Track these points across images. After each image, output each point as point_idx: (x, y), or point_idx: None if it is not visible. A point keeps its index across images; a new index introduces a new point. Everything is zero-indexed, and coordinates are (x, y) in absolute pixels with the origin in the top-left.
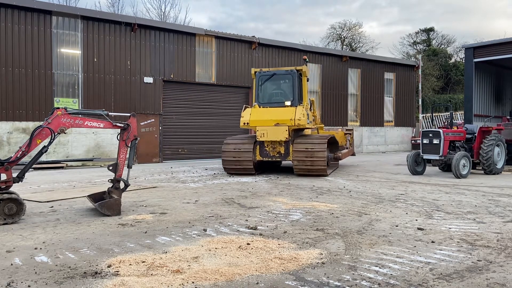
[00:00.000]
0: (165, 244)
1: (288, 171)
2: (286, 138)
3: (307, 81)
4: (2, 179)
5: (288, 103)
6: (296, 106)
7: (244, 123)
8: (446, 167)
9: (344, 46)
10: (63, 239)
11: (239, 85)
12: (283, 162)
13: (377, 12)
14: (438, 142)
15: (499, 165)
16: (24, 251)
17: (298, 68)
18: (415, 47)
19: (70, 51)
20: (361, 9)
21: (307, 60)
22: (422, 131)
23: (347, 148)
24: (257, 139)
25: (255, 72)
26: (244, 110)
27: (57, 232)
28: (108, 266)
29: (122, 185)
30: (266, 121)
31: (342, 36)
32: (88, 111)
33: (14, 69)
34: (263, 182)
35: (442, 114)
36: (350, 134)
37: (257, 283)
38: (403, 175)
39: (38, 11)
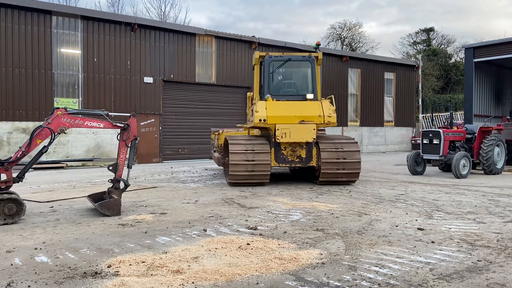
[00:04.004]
0: (165, 244)
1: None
2: (314, 138)
3: None
4: (2, 179)
5: (310, 96)
6: (320, 100)
7: (261, 120)
8: (446, 167)
9: (344, 46)
10: (63, 239)
11: (239, 85)
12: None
13: (376, 12)
14: (438, 142)
15: (499, 165)
16: (24, 251)
17: (314, 54)
18: (415, 47)
19: (70, 51)
20: (360, 9)
21: (320, 45)
22: (422, 131)
23: None
24: (277, 140)
25: (261, 56)
26: (256, 103)
27: (57, 232)
28: (108, 266)
29: (122, 185)
30: (288, 117)
31: (342, 36)
32: (88, 111)
33: (14, 69)
34: None
35: (442, 114)
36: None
37: (257, 283)
38: (403, 175)
39: (38, 11)
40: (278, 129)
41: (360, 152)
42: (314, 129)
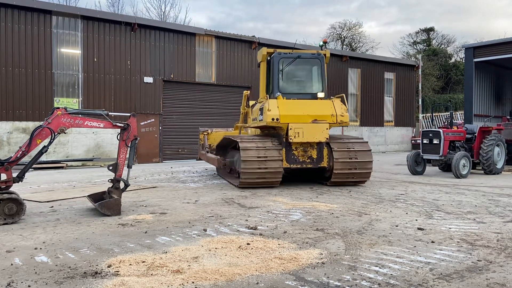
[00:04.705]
0: (165, 244)
1: None
2: (327, 138)
3: None
4: (2, 179)
5: (321, 94)
6: (332, 99)
7: (273, 119)
8: (446, 167)
9: (344, 46)
10: (63, 239)
11: (239, 85)
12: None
13: (376, 12)
14: (438, 142)
15: (499, 165)
16: (24, 251)
17: (322, 52)
18: (415, 47)
19: (70, 51)
20: (360, 9)
21: (326, 42)
22: (422, 131)
23: None
24: (289, 140)
25: (269, 53)
26: (267, 101)
27: (57, 232)
28: (108, 266)
29: (122, 185)
30: (301, 116)
31: (342, 36)
32: (88, 111)
33: (14, 69)
34: None
35: (442, 114)
36: None
37: (257, 283)
38: (403, 175)
39: (38, 11)
40: (291, 129)
41: (372, 155)
42: (327, 129)
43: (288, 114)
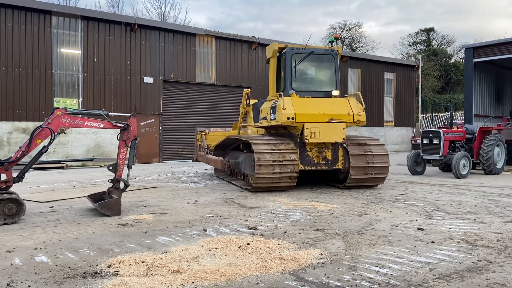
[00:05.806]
0: (165, 244)
1: None
2: (343, 138)
3: None
4: (2, 179)
5: (336, 92)
6: (346, 97)
7: (289, 118)
8: (446, 167)
9: (344, 46)
10: (63, 239)
11: (239, 85)
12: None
13: (376, 12)
14: (438, 142)
15: (499, 165)
16: (24, 251)
17: (335, 48)
18: (415, 47)
19: (70, 51)
20: (360, 9)
21: (338, 38)
22: (422, 131)
23: None
24: (305, 140)
25: (280, 48)
26: (282, 99)
27: (57, 232)
28: (108, 266)
29: (122, 185)
30: (318, 115)
31: (342, 36)
32: (88, 111)
33: (14, 69)
34: None
35: (442, 114)
36: None
37: (257, 283)
38: (403, 175)
39: (38, 11)
40: (307, 128)
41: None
42: (343, 129)
43: (304, 113)
